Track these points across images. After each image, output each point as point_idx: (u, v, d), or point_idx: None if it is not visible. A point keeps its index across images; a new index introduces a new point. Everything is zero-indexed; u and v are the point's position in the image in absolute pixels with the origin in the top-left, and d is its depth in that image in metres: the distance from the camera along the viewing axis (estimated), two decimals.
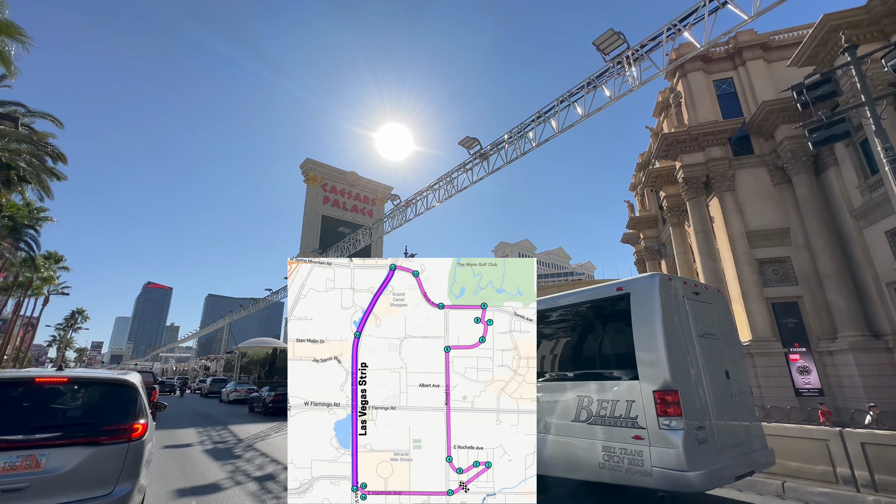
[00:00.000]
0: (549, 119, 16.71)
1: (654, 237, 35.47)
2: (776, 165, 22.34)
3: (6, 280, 47.77)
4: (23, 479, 4.33)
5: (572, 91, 16.11)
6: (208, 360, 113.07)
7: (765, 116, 21.99)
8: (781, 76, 23.01)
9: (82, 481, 4.63)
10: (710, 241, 23.57)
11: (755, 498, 7.21)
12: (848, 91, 16.33)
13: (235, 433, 15.35)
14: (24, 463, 4.41)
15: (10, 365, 57.04)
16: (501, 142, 18.43)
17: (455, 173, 20.50)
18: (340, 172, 57.33)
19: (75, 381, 5.49)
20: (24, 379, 5.17)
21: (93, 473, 4.73)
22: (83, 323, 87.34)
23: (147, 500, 6.98)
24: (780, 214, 21.87)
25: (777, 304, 20.89)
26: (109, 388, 5.59)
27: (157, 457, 9.88)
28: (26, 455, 4.44)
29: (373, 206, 59.36)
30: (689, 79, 25.38)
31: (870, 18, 17.21)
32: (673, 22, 13.60)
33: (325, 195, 55.22)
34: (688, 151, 24.26)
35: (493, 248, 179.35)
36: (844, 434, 7.21)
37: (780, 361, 19.53)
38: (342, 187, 57.38)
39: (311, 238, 52.02)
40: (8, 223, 32.64)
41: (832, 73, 11.24)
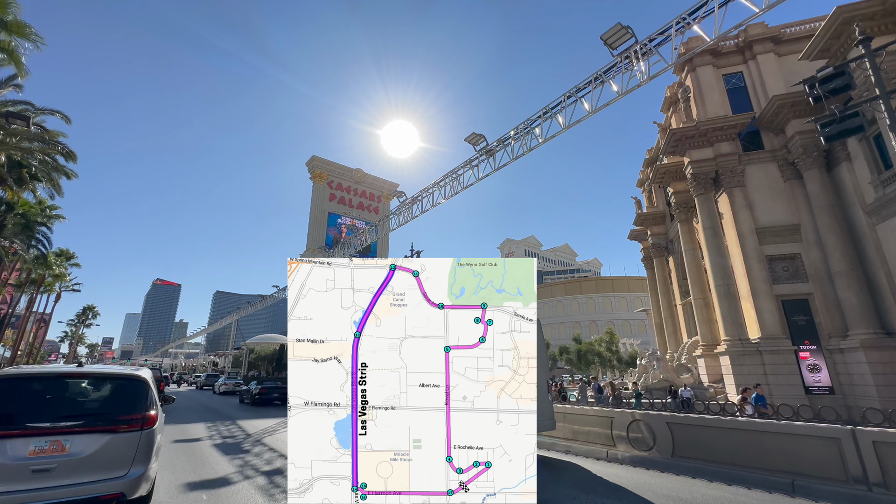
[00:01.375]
0: (555, 115, 16.62)
1: (662, 234, 35.09)
2: (787, 161, 21.97)
3: (19, 278, 48.60)
4: (51, 461, 5.03)
5: (579, 86, 16.00)
6: (216, 357, 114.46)
7: (776, 111, 21.59)
8: (793, 70, 22.60)
9: (101, 464, 5.31)
10: (719, 238, 23.24)
11: (763, 496, 7.15)
12: (861, 84, 16.00)
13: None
14: (52, 447, 5.11)
15: (23, 360, 58.02)
16: (507, 138, 18.34)
17: (461, 170, 20.43)
18: (346, 170, 57.15)
19: (94, 376, 6.21)
20: (49, 374, 5.93)
21: (110, 457, 5.40)
22: (94, 319, 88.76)
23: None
24: (791, 210, 21.52)
25: (787, 301, 20.60)
26: (124, 382, 6.19)
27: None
28: (53, 440, 5.15)
29: (379, 203, 59.27)
30: (699, 73, 24.98)
31: (884, 10, 16.87)
32: (682, 15, 13.46)
33: (331, 192, 55.09)
34: (696, 147, 23.93)
35: (500, 244, 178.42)
36: (857, 433, 7.12)
37: (789, 359, 19.30)
38: (348, 184, 57.15)
39: (318, 235, 51.91)
40: (21, 221, 33.09)
41: (845, 66, 11.03)
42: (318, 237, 51.79)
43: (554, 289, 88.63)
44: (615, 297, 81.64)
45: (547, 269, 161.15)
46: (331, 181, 55.58)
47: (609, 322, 77.07)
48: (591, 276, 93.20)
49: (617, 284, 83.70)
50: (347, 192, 57.06)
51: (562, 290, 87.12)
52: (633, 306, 78.59)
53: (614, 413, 10.95)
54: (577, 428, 11.76)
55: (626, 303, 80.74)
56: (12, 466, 4.87)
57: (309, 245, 50.83)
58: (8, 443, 4.95)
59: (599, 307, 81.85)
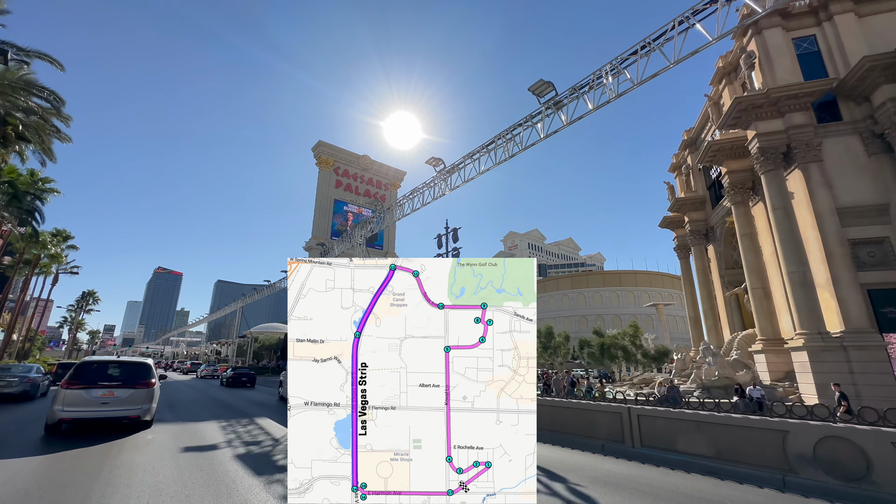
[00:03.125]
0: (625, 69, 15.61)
1: (702, 220, 32.98)
2: (872, 133, 19.86)
3: (14, 258, 46.81)
4: (108, 399, 11.96)
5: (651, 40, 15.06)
6: (219, 345, 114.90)
7: (863, 75, 19.34)
8: (878, 31, 20.52)
9: (130, 402, 12.23)
10: (791, 220, 21.06)
11: None
12: None
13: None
14: (109, 393, 12.05)
15: (21, 345, 57.33)
16: (585, 84, 16.62)
17: (519, 128, 18.29)
18: (353, 156, 55.61)
19: (127, 363, 13.22)
20: (107, 361, 13.01)
21: (134, 399, 12.32)
22: (94, 305, 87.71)
23: None
24: (877, 189, 19.44)
25: (874, 290, 18.68)
26: (140, 364, 13.25)
27: None
28: (108, 391, 12.05)
29: (385, 192, 57.67)
30: (766, 36, 22.78)
31: None
32: None
33: (337, 179, 53.56)
34: (764, 118, 21.83)
35: (503, 237, 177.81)
36: None
37: (880, 356, 16.94)
38: (355, 171, 55.56)
39: (324, 223, 50.61)
40: (8, 190, 30.17)
41: None
42: (324, 225, 50.38)
43: (560, 282, 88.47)
44: (622, 291, 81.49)
45: (550, 263, 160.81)
46: (337, 167, 53.84)
47: (616, 316, 76.95)
48: (596, 270, 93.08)
49: (625, 279, 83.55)
50: (354, 178, 55.28)
51: (568, 283, 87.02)
52: (641, 301, 78.56)
53: None
54: None
55: (633, 297, 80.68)
56: (93, 400, 11.78)
57: (314, 233, 49.45)
58: (92, 391, 11.84)
59: (607, 301, 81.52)
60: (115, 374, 12.51)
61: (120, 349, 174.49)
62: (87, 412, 11.60)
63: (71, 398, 11.52)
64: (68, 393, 11.53)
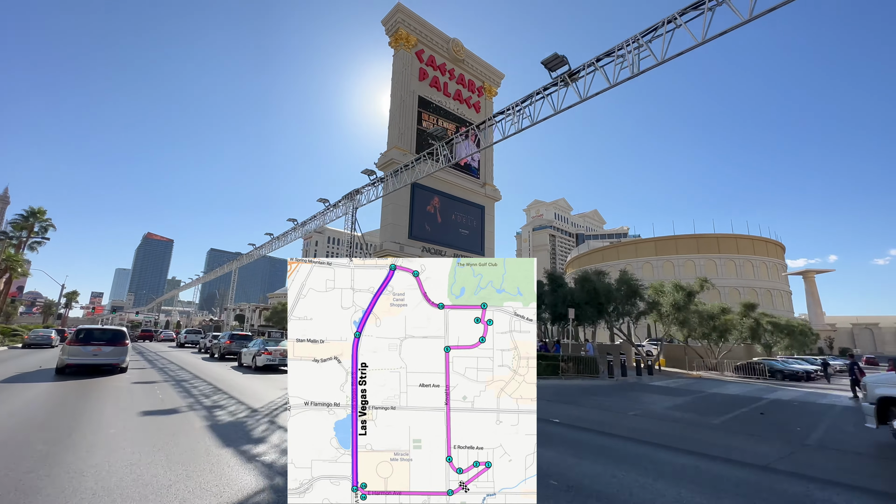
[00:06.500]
0: None
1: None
2: None
3: None
4: (98, 352, 17.27)
5: None
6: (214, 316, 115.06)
7: None
8: None
9: (113, 355, 17.56)
10: None
11: None
12: None
13: None
14: (99, 349, 17.37)
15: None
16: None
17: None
18: (440, 37, 40.04)
19: (111, 329, 18.54)
20: (97, 328, 18.28)
21: (116, 353, 17.69)
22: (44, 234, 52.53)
23: None
24: None
25: None
26: (119, 330, 18.55)
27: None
28: (98, 347, 17.38)
29: (479, 98, 42.85)
30: None
31: None
32: None
33: (421, 67, 38.39)
34: None
35: (527, 206, 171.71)
36: None
37: None
38: (442, 61, 40.07)
39: (406, 127, 36.41)
40: None
41: None
42: (406, 130, 35.96)
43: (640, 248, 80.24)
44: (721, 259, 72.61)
45: (574, 231, 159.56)
46: (421, 50, 38.42)
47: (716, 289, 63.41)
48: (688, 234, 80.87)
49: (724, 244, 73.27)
50: (442, 71, 39.77)
51: (651, 249, 78.52)
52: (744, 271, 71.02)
53: None
54: None
55: (734, 266, 72.12)
56: (87, 353, 16.99)
57: (391, 142, 35.69)
58: (88, 347, 17.09)
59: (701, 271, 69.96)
60: (102, 336, 17.91)
61: (107, 317, 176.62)
62: (83, 360, 16.90)
63: (72, 351, 16.88)
64: (71, 348, 16.94)
